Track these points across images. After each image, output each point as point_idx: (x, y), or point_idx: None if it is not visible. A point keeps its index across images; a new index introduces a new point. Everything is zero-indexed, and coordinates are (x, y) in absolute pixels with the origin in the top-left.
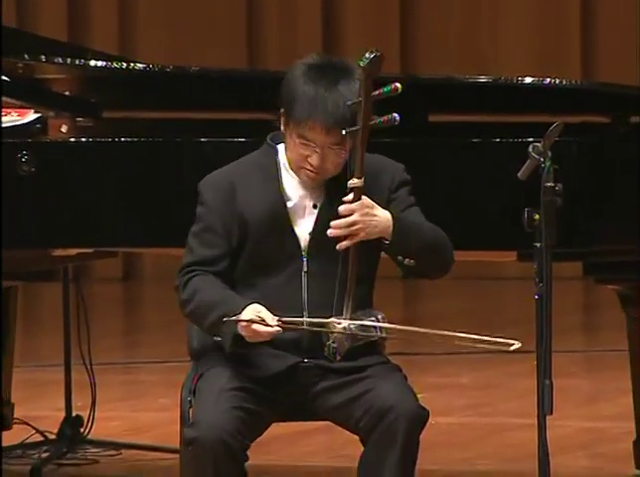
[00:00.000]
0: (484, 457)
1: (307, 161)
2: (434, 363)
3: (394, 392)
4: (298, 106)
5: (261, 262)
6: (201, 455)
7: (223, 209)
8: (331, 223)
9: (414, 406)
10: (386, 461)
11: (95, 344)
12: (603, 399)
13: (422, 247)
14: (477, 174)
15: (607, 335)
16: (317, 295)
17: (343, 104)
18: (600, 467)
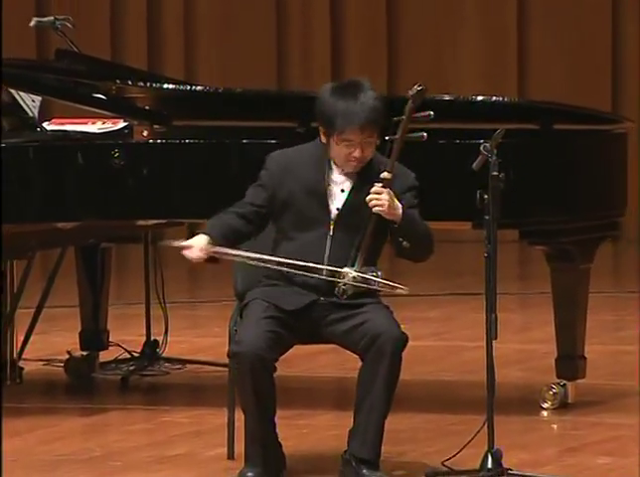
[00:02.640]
0: (446, 370)
1: (352, 156)
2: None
3: (384, 322)
4: (338, 120)
5: (300, 223)
6: (242, 365)
7: (276, 176)
8: (371, 190)
9: (399, 333)
10: (378, 372)
11: (167, 287)
12: (533, 329)
13: (417, 236)
14: (445, 165)
15: (536, 282)
16: (335, 252)
17: (366, 109)
18: (531, 377)
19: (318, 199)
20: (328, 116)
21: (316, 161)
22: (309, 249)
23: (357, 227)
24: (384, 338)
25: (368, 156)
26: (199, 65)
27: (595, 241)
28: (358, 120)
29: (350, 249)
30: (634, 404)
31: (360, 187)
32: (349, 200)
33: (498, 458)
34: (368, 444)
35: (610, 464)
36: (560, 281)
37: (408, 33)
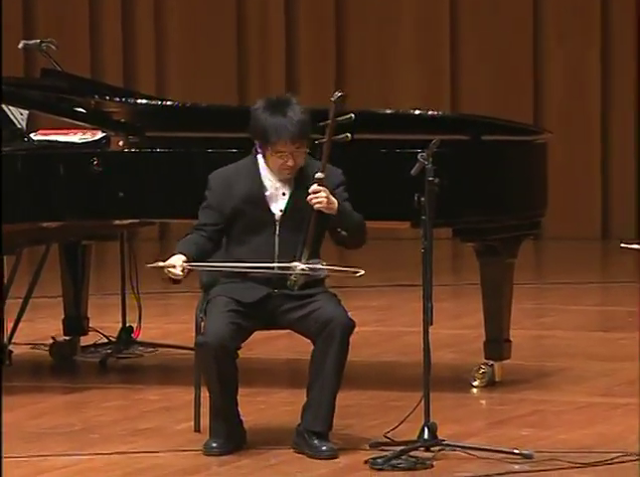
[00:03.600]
0: (388, 352)
1: (285, 165)
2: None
3: (333, 310)
4: (270, 134)
5: (248, 229)
6: (208, 353)
7: (220, 194)
8: (309, 190)
9: (347, 319)
10: (328, 354)
11: (141, 280)
12: (464, 315)
13: (352, 225)
14: (386, 172)
15: (467, 274)
16: (284, 249)
17: (294, 123)
18: (462, 358)
19: (260, 205)
20: (261, 131)
21: (253, 172)
22: (260, 250)
23: (300, 224)
24: (333, 324)
25: (299, 164)
26: (168, 82)
27: (519, 239)
28: (287, 134)
29: (296, 245)
30: (554, 382)
31: (298, 188)
32: (290, 201)
33: (433, 430)
34: (319, 418)
35: (532, 435)
36: (488, 274)
37: (355, 53)
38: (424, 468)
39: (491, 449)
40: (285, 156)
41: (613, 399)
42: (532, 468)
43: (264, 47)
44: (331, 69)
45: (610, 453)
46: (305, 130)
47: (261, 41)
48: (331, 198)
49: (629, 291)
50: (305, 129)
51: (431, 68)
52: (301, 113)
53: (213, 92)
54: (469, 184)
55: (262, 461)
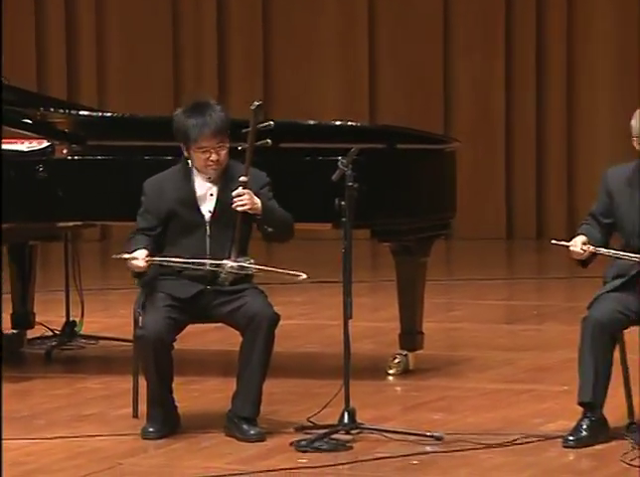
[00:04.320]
0: (311, 344)
1: (209, 161)
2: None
3: (260, 304)
4: (192, 132)
5: (181, 230)
6: (146, 345)
7: (154, 198)
8: (232, 193)
9: (272, 313)
10: (255, 345)
11: (83, 277)
12: (381, 309)
13: (278, 222)
14: (309, 178)
15: (384, 272)
16: (215, 248)
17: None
18: (379, 349)
19: (191, 206)
20: (183, 132)
21: (183, 176)
22: (192, 250)
23: (229, 224)
24: (260, 317)
25: (223, 159)
26: (109, 95)
27: (431, 239)
28: (208, 129)
29: (226, 244)
30: (462, 370)
31: (224, 190)
32: (218, 202)
33: (353, 415)
34: (248, 404)
35: (442, 419)
36: (403, 271)
37: (281, 69)
38: (345, 450)
39: (405, 432)
40: (208, 151)
41: (516, 386)
42: (442, 449)
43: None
44: (259, 84)
45: (513, 435)
46: (224, 126)
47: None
48: (255, 199)
49: (531, 287)
50: (224, 125)
51: (351, 82)
52: (221, 111)
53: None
54: (385, 189)
55: (195, 444)
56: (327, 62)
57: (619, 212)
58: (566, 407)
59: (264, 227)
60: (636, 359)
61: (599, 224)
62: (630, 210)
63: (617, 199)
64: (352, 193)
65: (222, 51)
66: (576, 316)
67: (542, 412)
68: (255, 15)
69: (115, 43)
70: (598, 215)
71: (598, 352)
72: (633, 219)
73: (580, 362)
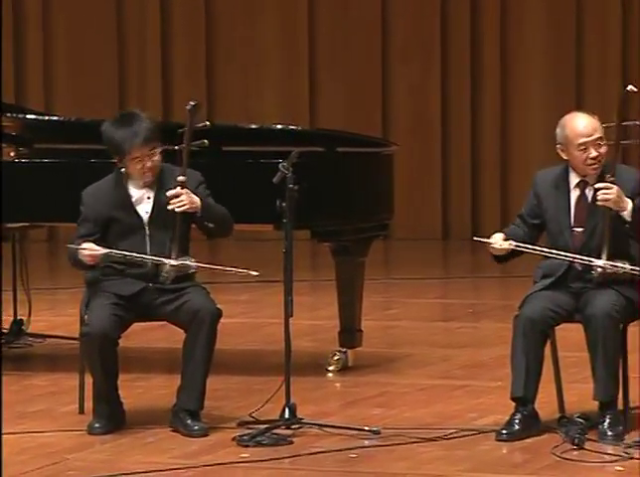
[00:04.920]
0: (253, 342)
1: (145, 169)
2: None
3: (202, 300)
4: (123, 145)
5: (121, 233)
6: (91, 343)
7: (92, 206)
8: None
9: (214, 308)
10: (198, 339)
11: (31, 277)
12: (322, 308)
13: (217, 217)
14: (251, 180)
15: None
16: (154, 249)
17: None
18: (320, 346)
19: (128, 210)
20: (115, 145)
21: (118, 183)
22: (133, 252)
23: (167, 224)
24: (202, 312)
25: (157, 166)
26: (56, 99)
27: (369, 239)
28: (138, 139)
29: (166, 244)
30: (399, 367)
31: (161, 191)
32: (155, 204)
33: (293, 410)
34: (193, 398)
35: (381, 414)
36: (342, 271)
37: (223, 73)
38: (285, 444)
39: (344, 427)
40: (142, 160)
41: (451, 382)
42: (380, 443)
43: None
44: (202, 88)
45: (448, 429)
46: (153, 133)
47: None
48: (193, 197)
49: (466, 286)
50: (153, 132)
51: (291, 87)
52: (148, 121)
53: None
54: (325, 191)
55: (140, 439)
56: (268, 67)
57: (547, 213)
58: (500, 402)
59: (205, 223)
60: (567, 355)
61: (526, 224)
62: (556, 211)
63: (545, 201)
64: (292, 195)
65: (165, 55)
66: (510, 314)
67: (476, 407)
68: (198, 19)
69: (62, 47)
70: (526, 215)
71: (530, 348)
72: (559, 220)
73: (512, 358)
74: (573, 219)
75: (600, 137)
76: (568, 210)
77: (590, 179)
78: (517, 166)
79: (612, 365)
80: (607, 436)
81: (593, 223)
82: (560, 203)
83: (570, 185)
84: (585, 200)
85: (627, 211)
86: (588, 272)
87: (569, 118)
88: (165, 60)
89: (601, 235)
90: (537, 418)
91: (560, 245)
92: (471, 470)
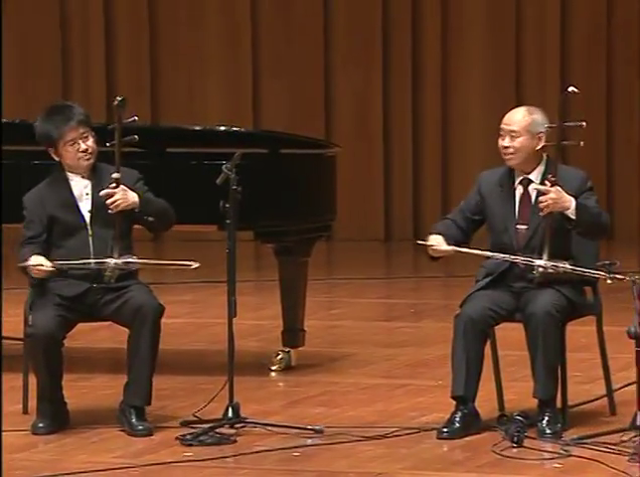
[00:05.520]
0: (198, 341)
1: (80, 151)
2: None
3: (145, 297)
4: (54, 130)
5: (64, 232)
6: (36, 343)
7: (35, 208)
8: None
9: (157, 304)
10: (142, 336)
11: None
12: (265, 308)
13: (157, 210)
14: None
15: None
16: (97, 247)
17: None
18: (263, 346)
19: (71, 209)
20: (47, 134)
21: (59, 181)
22: (77, 251)
23: (109, 222)
24: (145, 308)
25: (92, 147)
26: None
27: (312, 240)
28: (71, 121)
29: (109, 242)
30: (342, 366)
31: (98, 189)
32: (94, 202)
33: (236, 410)
34: (139, 394)
35: (323, 413)
36: (285, 271)
37: (168, 78)
38: (229, 443)
39: (287, 426)
40: (76, 142)
41: (393, 381)
42: (322, 442)
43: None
44: (147, 91)
45: (390, 428)
46: (85, 117)
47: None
48: (128, 195)
49: (408, 286)
50: (85, 116)
51: (235, 90)
52: (80, 108)
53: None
54: (268, 192)
55: (85, 439)
56: (212, 69)
57: (490, 212)
58: (441, 401)
59: (145, 218)
60: (506, 354)
61: (465, 218)
62: (501, 209)
63: (488, 200)
64: (235, 196)
65: (109, 58)
66: (451, 313)
67: (417, 406)
68: (142, 22)
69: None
70: (467, 210)
71: (470, 347)
72: (502, 219)
73: (453, 357)
74: (517, 216)
75: (515, 131)
76: (513, 208)
77: (534, 177)
78: (458, 167)
79: (552, 363)
80: (546, 434)
81: (537, 221)
82: (504, 201)
83: (515, 183)
84: (529, 198)
85: (571, 209)
86: (529, 272)
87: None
88: (109, 63)
89: (543, 234)
90: (477, 417)
91: (503, 243)
92: (412, 468)
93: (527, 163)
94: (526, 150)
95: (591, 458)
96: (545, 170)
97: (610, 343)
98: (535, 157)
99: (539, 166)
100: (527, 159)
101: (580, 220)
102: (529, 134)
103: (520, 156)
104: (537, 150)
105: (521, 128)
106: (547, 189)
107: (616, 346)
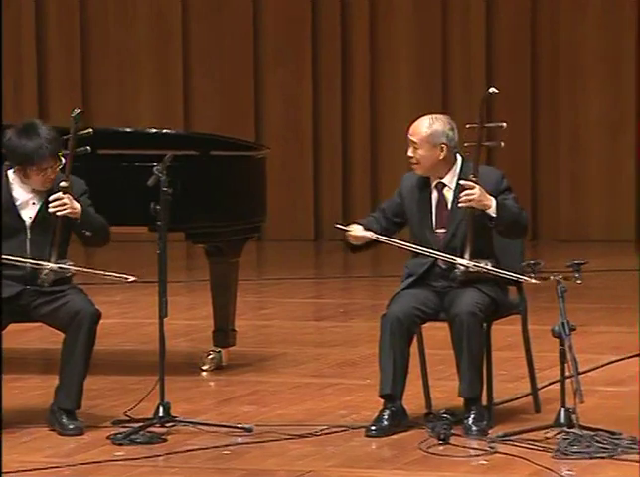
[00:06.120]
0: (129, 341)
1: (48, 179)
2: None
3: (82, 302)
4: (32, 156)
5: (8, 234)
6: None
7: None
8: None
9: (94, 309)
10: (77, 340)
11: None
12: (197, 308)
13: (95, 225)
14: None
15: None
16: (34, 251)
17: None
18: (194, 346)
19: (11, 213)
20: (22, 156)
21: (4, 186)
22: (13, 253)
23: (48, 229)
24: (82, 314)
25: (57, 172)
26: None
27: (243, 241)
28: (46, 151)
29: (46, 248)
30: (272, 366)
31: (47, 197)
32: (40, 209)
33: (167, 409)
34: (70, 398)
35: (253, 412)
36: (216, 272)
37: (99, 78)
38: (159, 442)
39: (218, 425)
40: (46, 171)
41: (323, 380)
42: (253, 440)
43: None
44: (78, 93)
45: (319, 426)
46: (58, 146)
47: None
48: (74, 203)
49: (337, 286)
50: (58, 145)
51: (166, 93)
52: (50, 131)
53: None
54: (199, 193)
55: (16, 439)
56: (143, 73)
57: (410, 215)
58: (369, 400)
59: (83, 231)
60: (433, 353)
61: (386, 218)
62: (419, 213)
63: (408, 202)
64: (166, 197)
65: (40, 60)
66: (380, 313)
67: (346, 404)
68: (73, 23)
69: None
70: (388, 211)
71: (396, 346)
72: (422, 222)
73: (380, 356)
74: (435, 220)
75: (416, 142)
76: (430, 212)
77: (448, 181)
78: (386, 168)
79: (477, 363)
80: (472, 431)
81: (455, 224)
82: (422, 205)
83: (431, 186)
84: (445, 201)
85: (492, 208)
86: (451, 271)
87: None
88: (40, 65)
89: (464, 235)
90: (405, 415)
91: (424, 245)
92: (341, 466)
93: (435, 170)
94: (428, 160)
95: (517, 455)
96: (460, 172)
97: (535, 342)
98: (444, 163)
99: (452, 169)
100: (433, 167)
101: (501, 218)
102: (429, 145)
103: (423, 166)
104: (440, 159)
105: (421, 140)
106: (471, 185)
107: (541, 345)
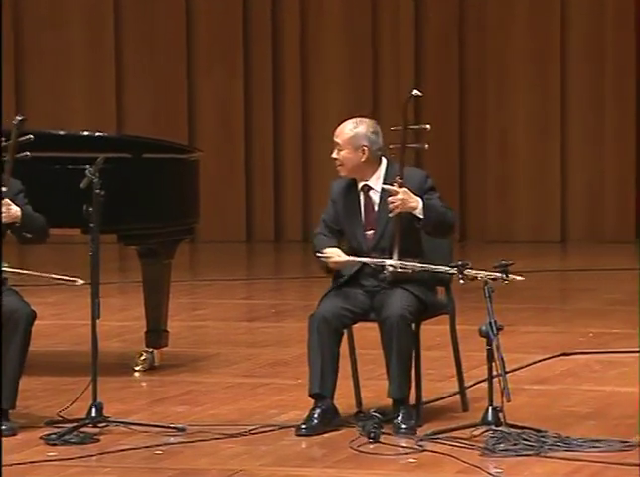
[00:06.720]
0: (62, 342)
1: None
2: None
3: (17, 302)
4: None
5: None
6: None
7: None
8: None
9: (29, 310)
10: (11, 342)
11: None
12: (130, 309)
13: (34, 226)
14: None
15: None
16: None
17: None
18: (127, 346)
19: None
20: None
21: None
22: None
23: None
24: (17, 314)
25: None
26: None
27: (176, 242)
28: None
29: None
30: (205, 366)
31: None
32: None
33: (100, 409)
34: (4, 398)
35: (186, 412)
36: (149, 273)
37: (32, 82)
38: (92, 442)
39: (150, 425)
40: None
41: (255, 380)
42: (185, 440)
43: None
44: (11, 95)
45: (251, 425)
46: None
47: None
48: (12, 209)
49: (269, 287)
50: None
51: (99, 96)
52: None
53: None
54: (131, 195)
55: None
56: (75, 73)
57: (342, 219)
58: (300, 399)
59: (22, 233)
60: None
61: (331, 230)
62: (348, 216)
63: (339, 206)
64: (99, 199)
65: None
66: None
67: (278, 404)
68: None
69: None
70: (329, 221)
71: (324, 346)
72: (351, 224)
73: (309, 356)
74: (364, 222)
75: (339, 144)
76: (359, 213)
77: (373, 183)
78: (317, 171)
79: (405, 365)
80: (401, 430)
81: (382, 225)
82: (350, 207)
83: (358, 189)
84: (372, 204)
85: (419, 208)
86: (380, 272)
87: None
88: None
89: (391, 236)
90: (335, 413)
91: (354, 248)
92: (272, 464)
93: (359, 172)
94: (351, 162)
95: (445, 453)
96: (384, 174)
97: (463, 341)
98: (367, 165)
99: (377, 171)
100: (355, 169)
101: (428, 218)
102: (351, 147)
103: (346, 168)
104: (362, 161)
105: (343, 142)
106: (395, 190)
107: (468, 344)
